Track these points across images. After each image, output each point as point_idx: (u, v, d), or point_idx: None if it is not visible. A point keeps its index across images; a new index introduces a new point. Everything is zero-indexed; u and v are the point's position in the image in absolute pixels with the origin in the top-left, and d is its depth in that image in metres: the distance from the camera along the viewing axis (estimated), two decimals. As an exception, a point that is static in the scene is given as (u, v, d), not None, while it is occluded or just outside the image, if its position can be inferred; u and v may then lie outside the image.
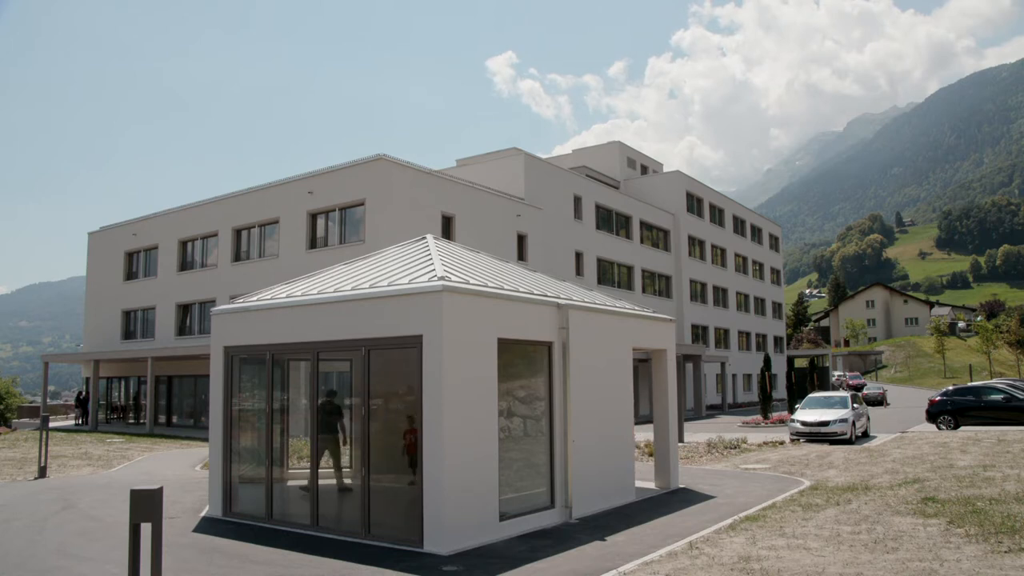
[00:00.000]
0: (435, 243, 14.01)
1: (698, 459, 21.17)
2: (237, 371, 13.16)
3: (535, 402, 12.37)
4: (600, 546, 10.45)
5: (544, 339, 12.19)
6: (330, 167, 34.30)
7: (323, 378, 12.39)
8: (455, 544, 10.06)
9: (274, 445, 12.45)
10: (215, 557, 10.13)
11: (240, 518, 12.46)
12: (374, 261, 13.82)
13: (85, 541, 11.22)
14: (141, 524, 6.54)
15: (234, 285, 35.22)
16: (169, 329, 40.97)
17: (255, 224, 37.06)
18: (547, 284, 14.37)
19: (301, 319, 12.03)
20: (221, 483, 12.88)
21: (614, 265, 49.25)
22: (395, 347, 10.89)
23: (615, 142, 59.71)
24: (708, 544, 10.19)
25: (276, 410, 12.47)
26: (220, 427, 13.00)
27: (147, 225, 43.65)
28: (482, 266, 13.52)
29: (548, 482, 12.14)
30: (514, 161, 41.98)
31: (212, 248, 39.64)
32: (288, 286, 13.65)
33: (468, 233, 33.82)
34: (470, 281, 11.24)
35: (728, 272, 64.34)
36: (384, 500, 11.18)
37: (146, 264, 44.00)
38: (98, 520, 12.76)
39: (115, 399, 45.06)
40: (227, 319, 13.34)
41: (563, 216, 43.71)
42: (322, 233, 34.23)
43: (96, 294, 46.74)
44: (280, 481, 12.56)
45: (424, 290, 10.50)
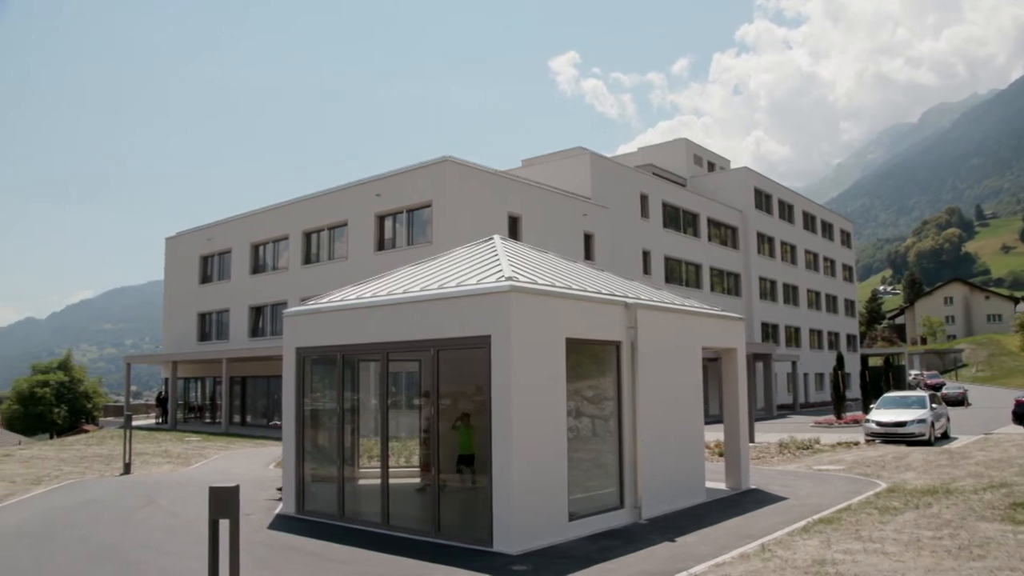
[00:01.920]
0: (502, 243, 14.05)
1: (769, 460, 20.81)
2: (309, 372, 13.41)
3: (603, 402, 12.32)
4: (670, 547, 10.35)
5: (612, 339, 12.13)
6: (397, 169, 34.66)
7: (392, 378, 12.53)
8: (524, 544, 10.07)
9: (345, 444, 12.66)
10: (291, 554, 10.34)
11: (313, 516, 12.68)
12: (442, 262, 13.93)
13: (166, 536, 11.58)
14: (219, 520, 6.72)
15: (305, 287, 35.86)
16: (242, 331, 41.93)
17: (324, 227, 37.68)
18: (615, 283, 14.29)
19: (371, 320, 12.20)
20: (294, 481, 13.13)
21: (682, 263, 48.72)
22: (464, 347, 10.95)
23: (681, 139, 59.08)
24: (781, 546, 10.00)
25: (347, 410, 12.67)
26: (293, 427, 13.26)
27: (221, 230, 44.76)
28: (549, 266, 13.51)
29: (617, 482, 12.08)
30: (579, 160, 41.85)
31: (283, 251, 40.43)
32: (358, 288, 13.85)
33: (534, 233, 33.82)
34: (537, 281, 11.25)
35: (798, 269, 63.06)
36: (454, 499, 11.27)
37: (220, 268, 45.12)
38: (178, 516, 13.15)
39: (192, 399, 46.30)
40: (299, 321, 13.60)
41: (629, 215, 43.40)
42: (390, 235, 34.61)
43: (173, 297, 48.14)
44: (351, 480, 12.76)
45: (492, 290, 10.54)
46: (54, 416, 64.36)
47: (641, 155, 58.09)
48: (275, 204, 41.44)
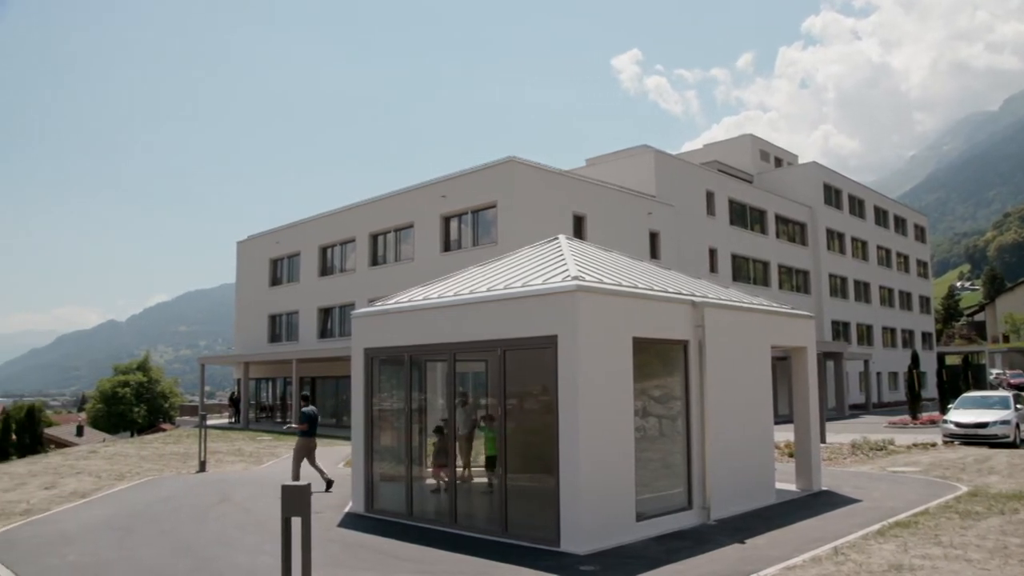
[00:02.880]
0: (567, 243, 14.04)
1: (841, 461, 20.35)
2: (377, 372, 13.59)
3: (671, 401, 12.22)
4: (740, 549, 10.21)
5: (679, 338, 12.02)
6: (461, 171, 34.88)
7: (459, 378, 12.62)
8: (592, 544, 10.05)
9: (413, 444, 12.80)
10: (360, 552, 10.50)
11: (382, 514, 12.85)
12: (508, 262, 13.98)
13: (240, 532, 11.87)
14: (292, 518, 6.88)
15: (372, 288, 36.34)
16: (311, 332, 42.69)
17: (391, 229, 38.14)
18: (681, 282, 14.16)
19: (438, 321, 12.31)
20: (363, 480, 13.33)
21: (749, 261, 47.98)
22: (530, 347, 10.97)
23: (747, 135, 58.16)
24: (855, 550, 9.78)
25: (415, 410, 12.81)
26: (361, 426, 13.45)
27: (289, 233, 45.65)
28: (615, 265, 13.46)
29: (685, 483, 11.96)
30: (644, 158, 41.55)
31: (350, 253, 41.05)
32: (424, 288, 13.99)
33: (599, 232, 33.69)
34: (604, 280, 11.21)
35: (870, 266, 61.50)
36: (521, 499, 11.30)
37: (289, 270, 46.03)
38: (251, 512, 13.48)
39: (263, 399, 47.32)
40: (367, 322, 13.79)
41: (695, 212, 42.93)
42: (455, 236, 34.86)
43: (245, 300, 49.29)
44: (419, 479, 12.90)
45: (558, 290, 10.55)
46: (134, 415, 66.54)
47: (706, 152, 57.37)
48: (342, 207, 42.09)
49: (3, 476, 19.66)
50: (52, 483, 17.76)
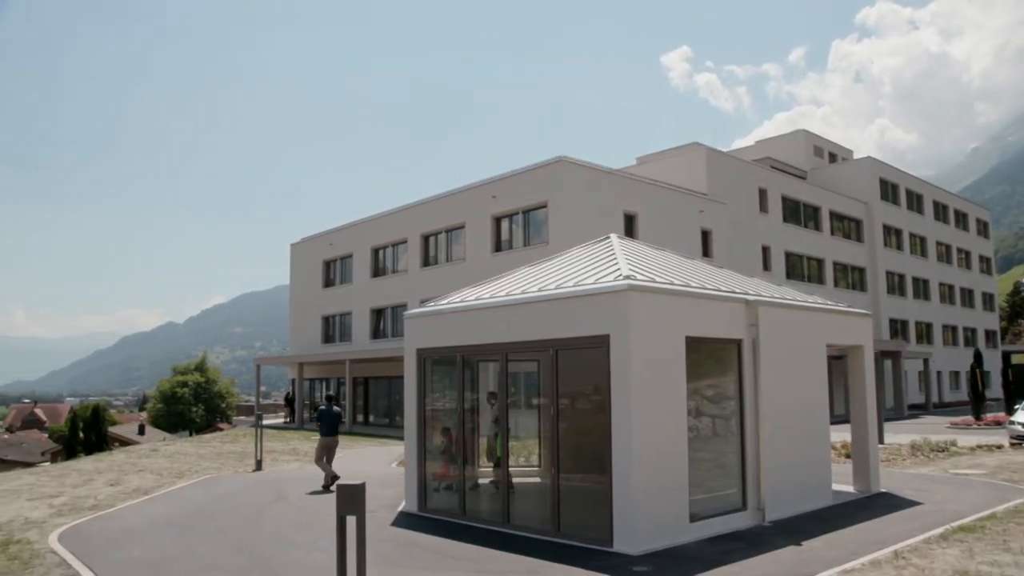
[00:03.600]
0: (619, 242, 13.99)
1: (900, 462, 19.92)
2: (429, 372, 13.69)
3: (724, 401, 12.10)
4: (796, 551, 10.06)
5: (733, 337, 11.90)
6: (512, 171, 34.94)
7: (511, 378, 12.65)
8: (645, 544, 10.00)
9: (465, 443, 12.86)
10: (414, 551, 10.59)
11: (435, 514, 12.93)
12: (559, 262, 13.98)
13: (296, 530, 12.05)
14: (347, 517, 6.97)
15: (424, 289, 36.60)
16: (364, 332, 43.14)
17: (442, 230, 38.37)
18: (734, 280, 14.01)
19: (490, 321, 12.36)
20: (416, 480, 13.43)
21: (803, 259, 47.23)
22: (582, 347, 10.96)
23: (800, 131, 57.22)
24: (916, 554, 9.57)
25: (467, 410, 12.88)
26: (415, 426, 13.56)
27: (342, 235, 46.20)
28: (667, 264, 13.37)
29: (739, 483, 11.83)
30: (695, 156, 41.18)
31: (402, 254, 41.40)
32: (476, 289, 14.05)
33: (651, 231, 33.49)
34: (656, 279, 11.16)
35: (929, 262, 60.06)
36: (574, 498, 11.29)
37: (342, 271, 46.59)
38: (306, 511, 13.68)
39: (318, 399, 47.95)
40: (419, 322, 13.90)
41: (748, 210, 42.41)
42: (506, 236, 34.93)
43: (298, 301, 50.01)
44: (472, 479, 12.96)
45: (610, 289, 10.52)
46: (192, 415, 67.99)
47: (758, 148, 56.60)
48: (394, 208, 42.46)
49: (72, 472, 20.26)
50: (117, 480, 18.25)
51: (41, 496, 15.91)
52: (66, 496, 15.82)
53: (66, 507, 14.48)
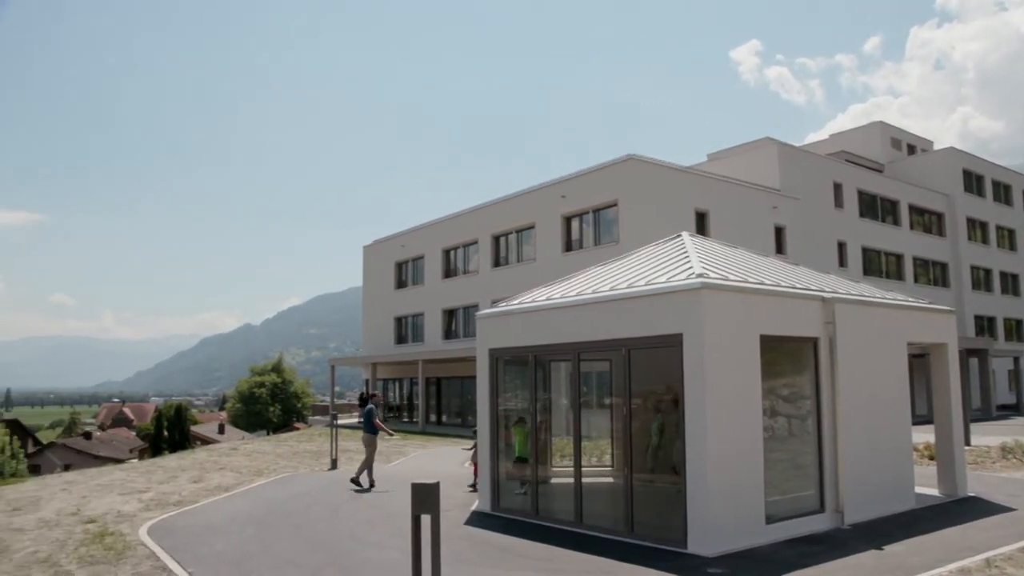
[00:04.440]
0: (691, 240, 13.85)
1: (989, 465, 19.21)
2: (501, 372, 13.76)
3: (800, 401, 11.88)
4: (877, 556, 9.81)
5: (809, 335, 11.67)
6: (581, 170, 34.87)
7: (583, 378, 12.63)
8: (720, 546, 9.88)
9: (538, 443, 12.89)
10: (486, 550, 10.66)
11: (508, 513, 12.99)
12: (630, 261, 13.91)
13: (370, 528, 12.24)
14: (421, 515, 7.06)
15: (495, 289, 36.78)
16: (436, 333, 43.55)
17: (512, 230, 38.51)
18: (809, 277, 13.74)
19: (561, 321, 12.36)
20: (489, 480, 13.51)
21: (881, 254, 45.96)
22: (655, 346, 10.88)
23: (876, 123, 55.66)
24: (1011, 563, 9.19)
25: (539, 409, 12.90)
26: (487, 426, 13.64)
27: (413, 236, 46.73)
28: (740, 261, 13.19)
29: (817, 484, 11.58)
30: (767, 151, 40.47)
31: (473, 255, 41.67)
32: (547, 289, 14.08)
33: (723, 228, 33.04)
34: (729, 277, 11.02)
35: (1018, 256, 57.69)
36: (647, 499, 11.22)
37: (414, 273, 47.12)
38: (380, 509, 13.88)
39: (391, 399, 48.60)
40: (491, 322, 13.98)
41: (822, 205, 41.47)
42: (576, 235, 34.88)
43: (372, 302, 50.76)
44: (545, 478, 12.98)
45: (682, 288, 10.44)
46: (270, 414, 69.56)
47: (832, 142, 55.27)
48: (464, 209, 42.76)
49: (158, 469, 20.96)
50: (199, 477, 18.81)
51: (131, 491, 16.52)
52: (153, 492, 16.39)
53: (153, 502, 15.01)
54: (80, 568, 9.97)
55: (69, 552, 10.84)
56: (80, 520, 13.23)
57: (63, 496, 16.06)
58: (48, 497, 15.96)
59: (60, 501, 15.38)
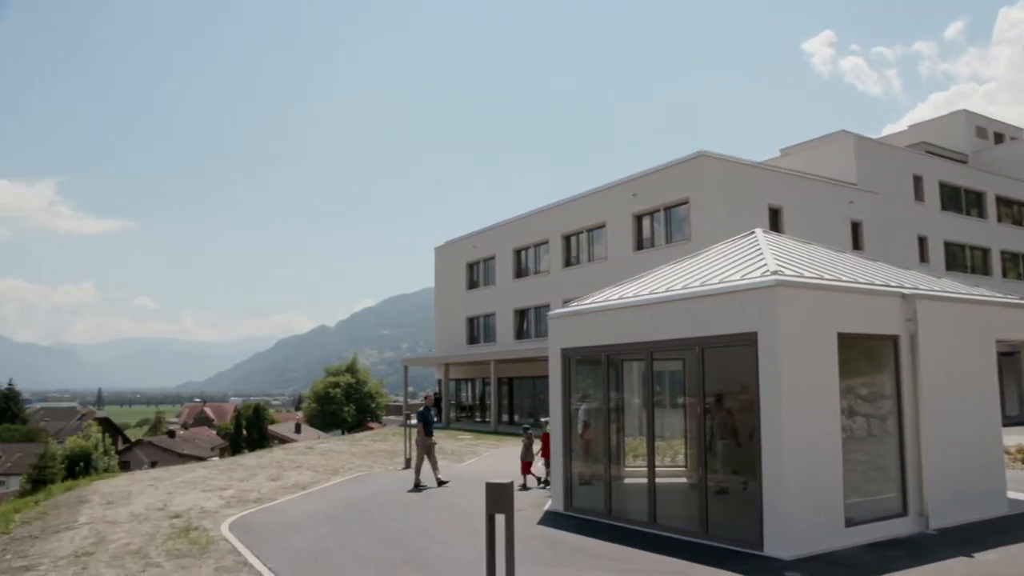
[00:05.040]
0: (764, 237, 13.62)
1: (1085, 467, 18.37)
2: (573, 371, 13.73)
3: (879, 400, 11.55)
4: (967, 563, 9.44)
5: (889, 332, 11.34)
6: (652, 168, 34.56)
7: (656, 377, 12.52)
8: (797, 549, 9.68)
9: (611, 443, 12.82)
10: (559, 549, 10.65)
11: (581, 513, 12.95)
12: (702, 259, 13.74)
13: (443, 526, 12.36)
14: (495, 515, 7.09)
15: (566, 289, 36.70)
16: (508, 333, 43.67)
17: (583, 229, 38.36)
18: (889, 273, 13.35)
19: (634, 320, 12.27)
20: (562, 479, 13.49)
21: (965, 248, 44.33)
22: (729, 345, 10.72)
23: (959, 111, 53.69)
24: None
25: (612, 409, 12.83)
26: (559, 426, 13.63)
27: (484, 237, 46.95)
28: (816, 258, 12.90)
29: (899, 487, 11.24)
30: (842, 145, 39.45)
31: (544, 255, 41.65)
32: (619, 288, 14.00)
33: (797, 225, 32.33)
34: (804, 274, 10.80)
35: (1117, 249, 54.96)
36: (722, 499, 11.06)
37: (485, 273, 47.33)
38: (453, 508, 13.99)
39: (463, 399, 48.88)
40: (563, 322, 13.96)
41: (901, 199, 40.23)
42: (648, 234, 34.57)
43: (443, 303, 51.17)
44: (618, 479, 12.90)
45: (756, 286, 10.27)
46: (344, 414, 70.71)
47: (912, 133, 53.52)
48: (535, 209, 42.77)
49: (238, 467, 21.52)
50: (277, 475, 19.24)
51: (213, 488, 17.00)
52: (233, 489, 16.83)
53: (234, 499, 15.41)
54: (168, 560, 10.31)
55: (158, 545, 11.24)
56: (167, 515, 13.70)
57: (151, 491, 16.64)
58: (137, 492, 16.56)
59: (148, 496, 15.94)
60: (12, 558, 10.96)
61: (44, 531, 12.79)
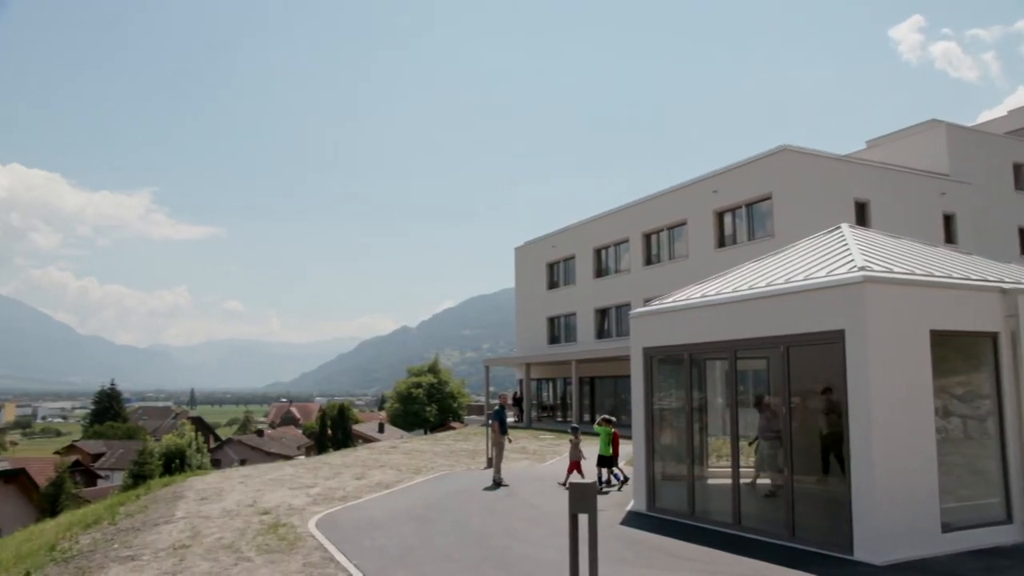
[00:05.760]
0: (851, 231, 13.23)
1: None
2: (656, 371, 13.58)
3: (977, 400, 11.07)
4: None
5: (987, 330, 10.86)
6: (733, 164, 33.97)
7: (739, 376, 12.29)
8: (890, 554, 9.35)
9: (694, 443, 12.63)
10: (641, 549, 10.56)
11: (663, 514, 12.81)
12: (787, 256, 13.44)
13: (526, 525, 12.37)
14: (579, 515, 7.06)
15: (646, 288, 36.38)
16: (589, 333, 43.51)
17: (663, 227, 37.96)
18: (986, 267, 12.78)
19: (717, 318, 12.08)
20: (645, 479, 13.36)
21: (1070, 242, 42.21)
22: (815, 343, 10.45)
23: (1063, 99, 51.18)
24: None
25: (695, 409, 12.65)
26: (642, 426, 13.50)
27: (564, 237, 46.89)
28: (906, 252, 12.45)
29: (1002, 492, 10.73)
30: (933, 134, 38.00)
31: (624, 254, 41.37)
32: (701, 286, 13.80)
33: (885, 219, 31.29)
34: (894, 269, 10.45)
35: None
36: (809, 501, 10.78)
37: (565, 273, 47.27)
38: (536, 508, 14.00)
39: (544, 399, 48.93)
40: (645, 321, 13.83)
41: (999, 189, 38.52)
42: (729, 231, 34.00)
43: (524, 303, 51.30)
44: (701, 479, 12.71)
45: (843, 282, 9.99)
46: (426, 414, 71.50)
47: (1011, 119, 51.04)
48: (615, 208, 42.53)
49: (323, 466, 21.98)
50: (361, 474, 19.57)
51: (300, 486, 17.39)
52: (319, 487, 17.18)
53: (320, 497, 15.74)
54: (258, 555, 10.60)
55: (248, 540, 11.56)
56: (256, 511, 14.07)
57: (241, 488, 17.12)
58: (229, 489, 17.06)
59: (239, 493, 16.41)
60: (119, 548, 11.49)
61: (145, 524, 13.32)
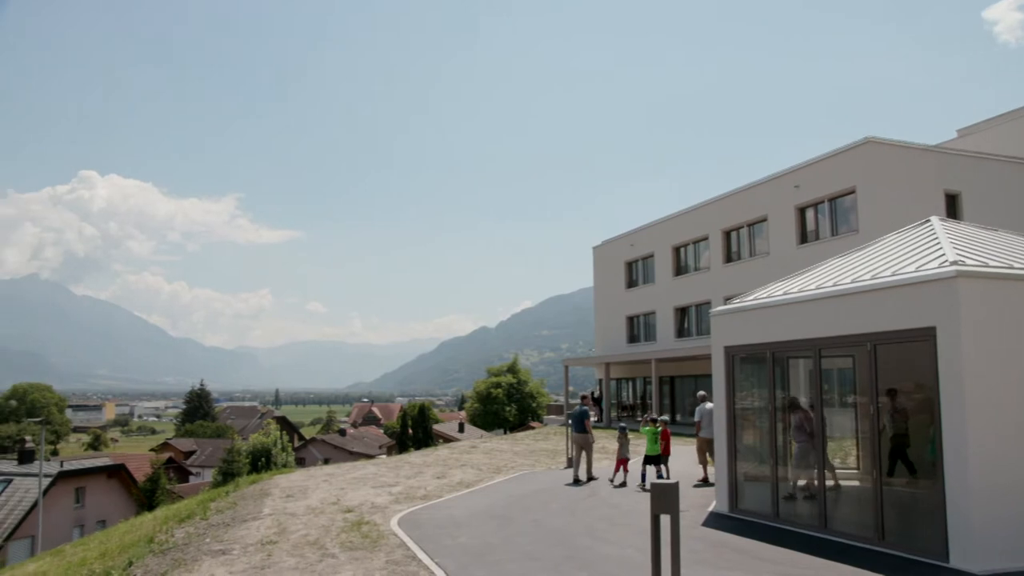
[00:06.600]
0: (941, 225, 12.75)
1: None
2: (737, 370, 13.36)
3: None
4: None
5: (1091, 326, 10.34)
6: (815, 157, 33.15)
7: (824, 375, 11.98)
8: (990, 563, 8.96)
9: (778, 444, 12.38)
10: (723, 551, 10.40)
11: (746, 515, 12.59)
12: (872, 251, 13.05)
13: (607, 525, 12.31)
14: (660, 515, 7.00)
15: (727, 286, 35.83)
16: (669, 332, 43.06)
17: (743, 224, 37.30)
18: (1090, 262, 12.18)
19: (800, 316, 11.81)
20: (727, 480, 13.15)
21: None
22: (903, 340, 10.12)
23: None
24: None
25: (778, 408, 12.39)
26: (724, 426, 13.30)
27: (642, 235, 46.50)
28: (1002, 245, 11.94)
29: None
30: (1032, 122, 36.37)
31: (703, 251, 40.81)
32: (783, 283, 13.51)
33: (978, 211, 30.06)
34: (989, 263, 10.03)
35: None
36: (899, 504, 10.44)
37: (644, 271, 46.88)
38: (617, 508, 13.93)
39: (624, 398, 48.63)
40: (726, 320, 13.62)
41: (1104, 181, 36.67)
42: (811, 227, 33.19)
43: (603, 302, 51.06)
44: (785, 480, 12.44)
45: (934, 277, 9.64)
46: (506, 414, 71.80)
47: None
48: (693, 205, 41.98)
49: (404, 465, 22.28)
50: (442, 473, 19.77)
51: (382, 484, 17.67)
52: (401, 486, 17.43)
53: (402, 495, 15.96)
54: (343, 552, 10.82)
55: (332, 537, 11.81)
56: (340, 509, 14.36)
57: (325, 487, 17.49)
58: (313, 487, 17.44)
59: (323, 491, 16.76)
60: (211, 542, 11.89)
61: (234, 519, 13.73)
